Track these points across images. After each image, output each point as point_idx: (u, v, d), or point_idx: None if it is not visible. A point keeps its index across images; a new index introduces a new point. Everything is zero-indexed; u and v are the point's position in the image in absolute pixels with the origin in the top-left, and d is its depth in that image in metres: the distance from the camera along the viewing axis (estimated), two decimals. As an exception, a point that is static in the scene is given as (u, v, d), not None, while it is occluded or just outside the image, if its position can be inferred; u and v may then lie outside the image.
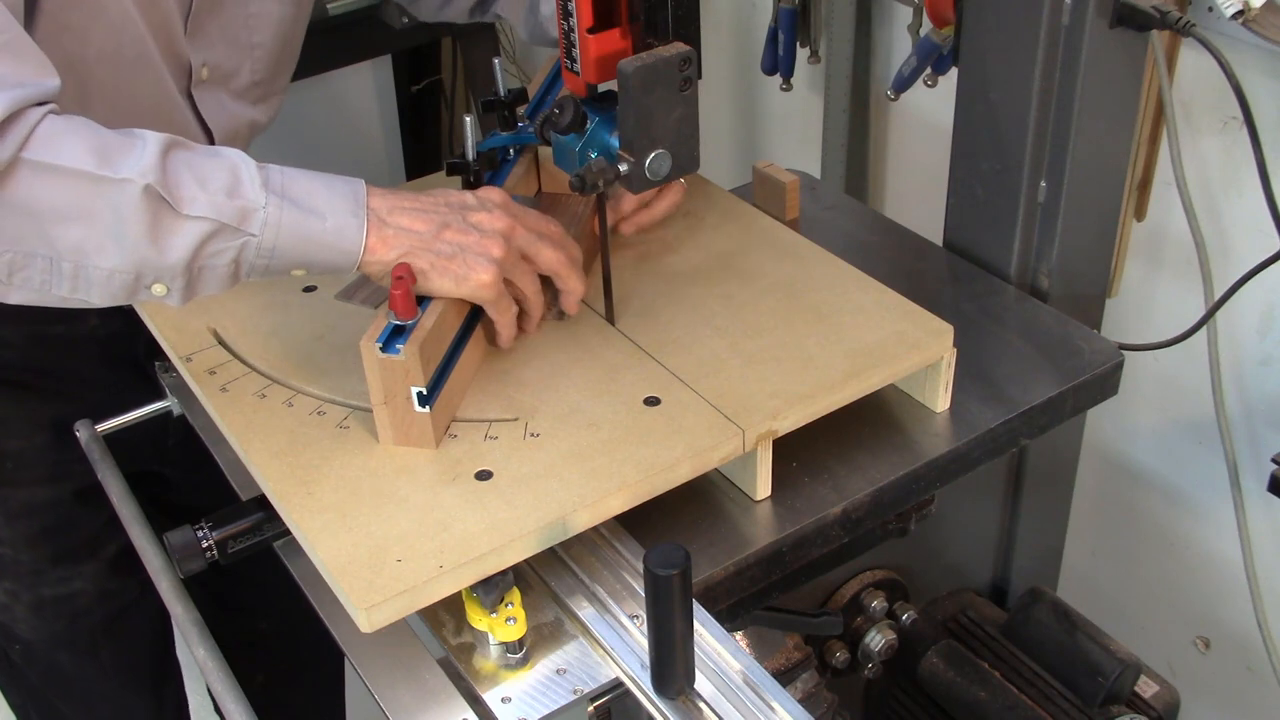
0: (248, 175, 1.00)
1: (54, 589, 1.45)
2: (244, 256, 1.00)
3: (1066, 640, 1.42)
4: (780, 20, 2.04)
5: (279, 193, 1.00)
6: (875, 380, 1.15)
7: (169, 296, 1.01)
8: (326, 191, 1.02)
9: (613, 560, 1.04)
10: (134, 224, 0.95)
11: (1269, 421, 1.65)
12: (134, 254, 0.97)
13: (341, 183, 1.04)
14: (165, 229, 0.96)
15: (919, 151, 2.05)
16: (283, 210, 0.99)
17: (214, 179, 0.98)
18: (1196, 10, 1.43)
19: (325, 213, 1.01)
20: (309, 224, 1.01)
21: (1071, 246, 1.40)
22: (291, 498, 1.02)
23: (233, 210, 0.98)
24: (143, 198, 0.95)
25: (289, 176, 1.02)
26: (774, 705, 0.91)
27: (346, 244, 1.02)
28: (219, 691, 1.03)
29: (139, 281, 0.99)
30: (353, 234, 1.02)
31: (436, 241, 1.05)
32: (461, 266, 1.05)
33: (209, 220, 0.97)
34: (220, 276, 1.01)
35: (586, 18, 1.05)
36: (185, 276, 0.99)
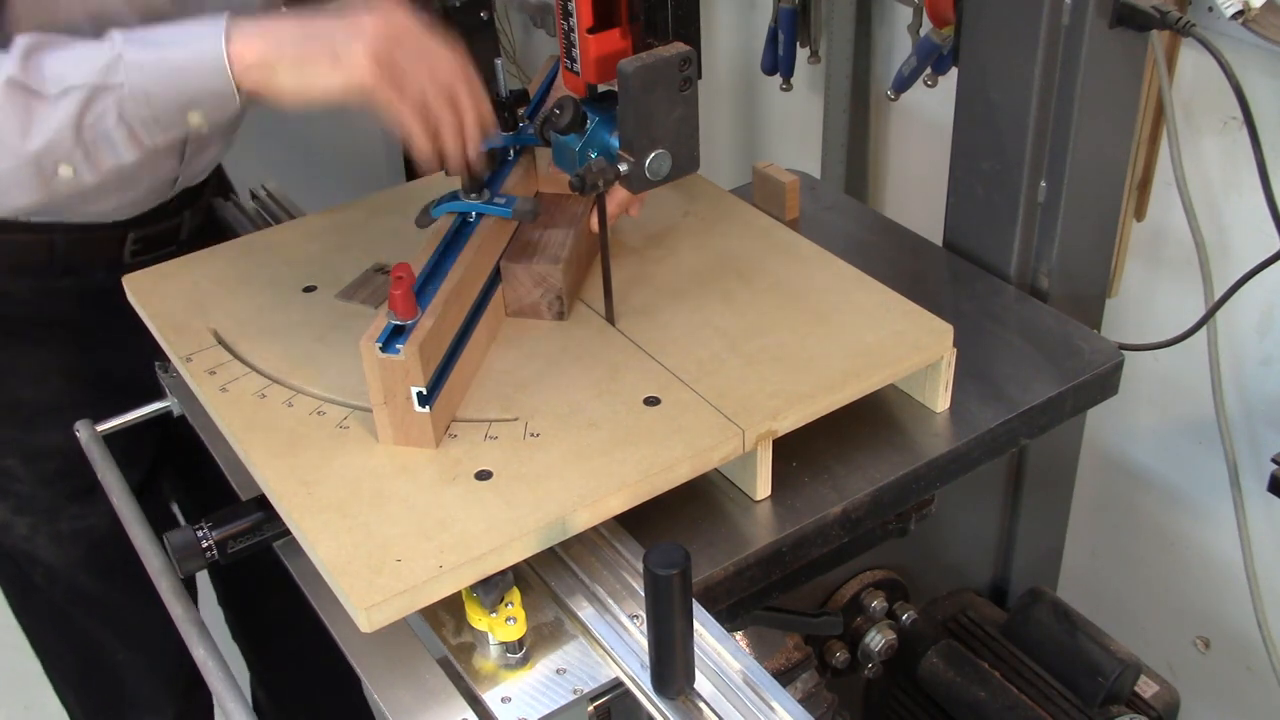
0: (108, 40, 1.03)
1: (71, 524, 1.50)
2: (126, 111, 1.02)
3: (1066, 640, 1.42)
4: (780, 20, 2.04)
5: (137, 40, 1.02)
6: (875, 380, 1.15)
7: (80, 174, 1.04)
8: (186, 27, 1.05)
9: (613, 560, 1.04)
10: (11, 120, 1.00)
11: (1269, 421, 1.65)
12: (20, 149, 1.01)
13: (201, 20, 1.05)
14: (37, 120, 1.01)
15: (919, 151, 2.05)
16: (143, 50, 1.02)
17: (74, 54, 1.02)
18: (1196, 10, 1.43)
19: (183, 40, 1.03)
20: (169, 55, 1.02)
21: (1071, 246, 1.40)
22: (291, 498, 1.02)
23: (92, 70, 1.01)
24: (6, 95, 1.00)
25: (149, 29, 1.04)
26: (774, 705, 0.91)
27: (208, 59, 1.02)
28: (219, 692, 1.03)
29: (41, 171, 1.03)
30: (211, 47, 1.02)
31: (303, 33, 1.03)
32: (332, 45, 1.02)
33: (74, 89, 1.01)
34: (118, 140, 1.04)
35: (586, 18, 1.05)
36: (81, 150, 1.03)
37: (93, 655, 1.65)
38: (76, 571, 1.55)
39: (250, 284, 1.29)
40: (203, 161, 1.45)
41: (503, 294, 1.23)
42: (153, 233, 1.44)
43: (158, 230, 1.44)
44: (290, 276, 1.30)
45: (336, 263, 1.32)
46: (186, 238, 1.48)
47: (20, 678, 2.38)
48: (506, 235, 1.24)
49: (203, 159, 1.45)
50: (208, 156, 1.46)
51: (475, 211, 1.20)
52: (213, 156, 1.47)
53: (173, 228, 1.46)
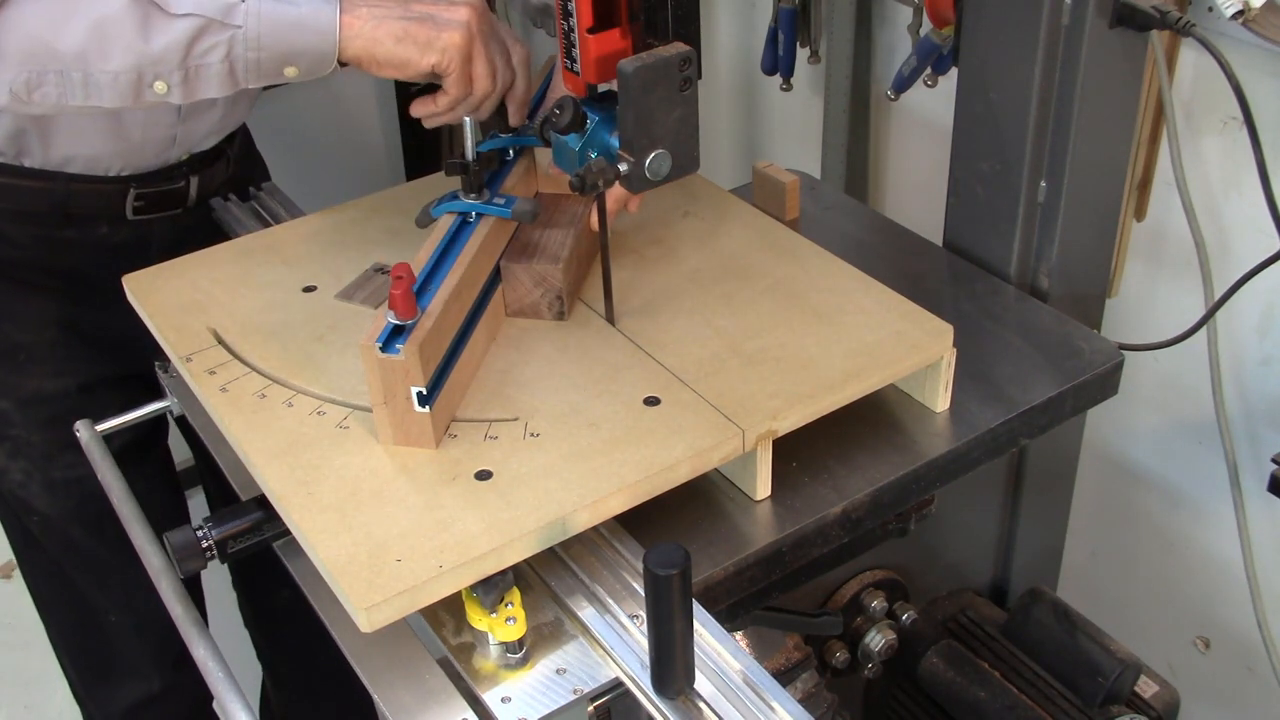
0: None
1: (63, 472, 1.54)
2: (234, 52, 1.10)
3: (1066, 640, 1.42)
4: (780, 20, 2.04)
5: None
6: (875, 380, 1.15)
7: (170, 94, 1.11)
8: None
9: (613, 560, 1.04)
10: (126, 26, 1.07)
11: (1269, 421, 1.65)
12: (130, 54, 1.08)
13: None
14: (156, 29, 1.07)
15: (919, 151, 2.05)
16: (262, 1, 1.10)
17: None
18: (1196, 10, 1.43)
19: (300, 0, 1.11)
20: (288, 10, 1.11)
21: (1071, 246, 1.40)
22: (291, 498, 1.02)
23: (216, 6, 1.08)
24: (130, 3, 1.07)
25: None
26: (774, 705, 0.91)
27: (323, 22, 1.11)
28: (219, 692, 1.03)
29: (141, 80, 1.10)
30: (327, 11, 1.12)
31: (406, 11, 1.13)
32: (432, 29, 1.13)
33: (195, 16, 1.08)
34: (216, 74, 1.11)
35: (586, 18, 1.05)
36: (182, 72, 1.10)
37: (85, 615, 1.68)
38: (69, 523, 1.58)
39: (250, 284, 1.29)
40: (203, 126, 1.47)
41: (503, 294, 1.23)
42: (157, 192, 1.47)
43: (162, 190, 1.48)
44: (290, 276, 1.30)
45: (336, 263, 1.32)
46: (195, 203, 1.52)
47: (20, 678, 2.39)
48: (506, 235, 1.24)
49: (203, 123, 1.47)
50: (208, 121, 1.47)
51: (475, 211, 1.20)
52: (214, 123, 1.49)
53: (179, 190, 1.49)
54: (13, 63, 1.10)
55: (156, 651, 1.70)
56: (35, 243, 1.44)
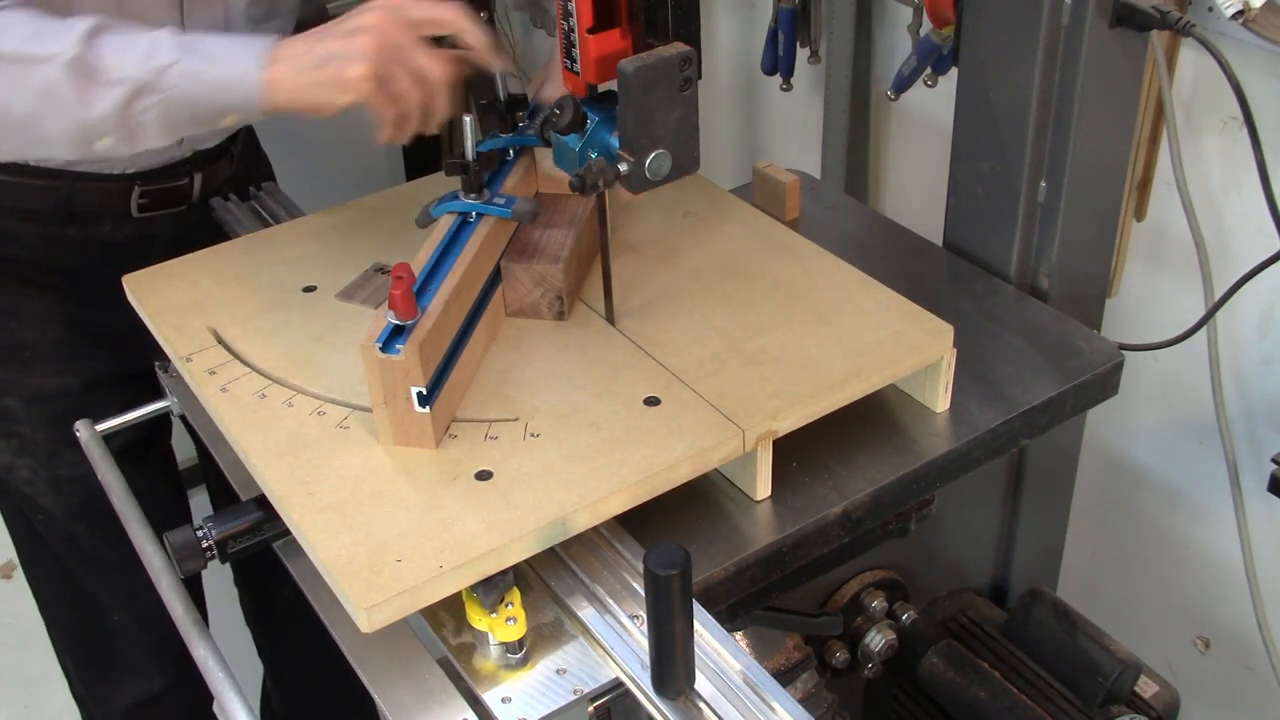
0: (166, 40, 1.14)
1: (68, 470, 1.55)
2: (169, 110, 1.14)
3: (1066, 640, 1.42)
4: (780, 20, 2.04)
5: (189, 49, 1.14)
6: (875, 380, 1.15)
7: (116, 148, 1.17)
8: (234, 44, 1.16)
9: (613, 560, 1.04)
10: (67, 94, 1.12)
11: (1269, 421, 1.65)
12: (72, 118, 1.13)
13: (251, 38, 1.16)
14: (92, 96, 1.12)
15: (919, 151, 2.05)
16: (193, 61, 1.13)
17: (134, 48, 1.13)
18: (1196, 10, 1.43)
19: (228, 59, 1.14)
20: (212, 71, 1.14)
21: (1071, 246, 1.40)
22: (291, 498, 1.02)
23: (146, 69, 1.12)
24: (67, 71, 1.11)
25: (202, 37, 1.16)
26: (774, 705, 0.91)
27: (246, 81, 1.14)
28: (219, 692, 1.03)
29: (86, 138, 1.16)
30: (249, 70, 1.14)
31: (311, 57, 1.14)
32: (336, 68, 1.12)
33: (126, 83, 1.12)
34: (155, 130, 1.15)
35: (586, 18, 1.05)
36: (122, 130, 1.15)
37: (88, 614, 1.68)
38: (73, 520, 1.59)
39: (250, 284, 1.29)
40: None
41: (503, 294, 1.23)
42: (161, 189, 1.48)
43: (166, 188, 1.49)
44: (290, 276, 1.30)
45: (336, 263, 1.32)
46: (198, 201, 1.53)
47: (20, 678, 2.39)
48: (506, 235, 1.24)
49: None
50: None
51: (475, 211, 1.20)
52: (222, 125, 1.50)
53: (183, 188, 1.50)
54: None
55: (158, 650, 1.70)
56: (40, 241, 1.45)
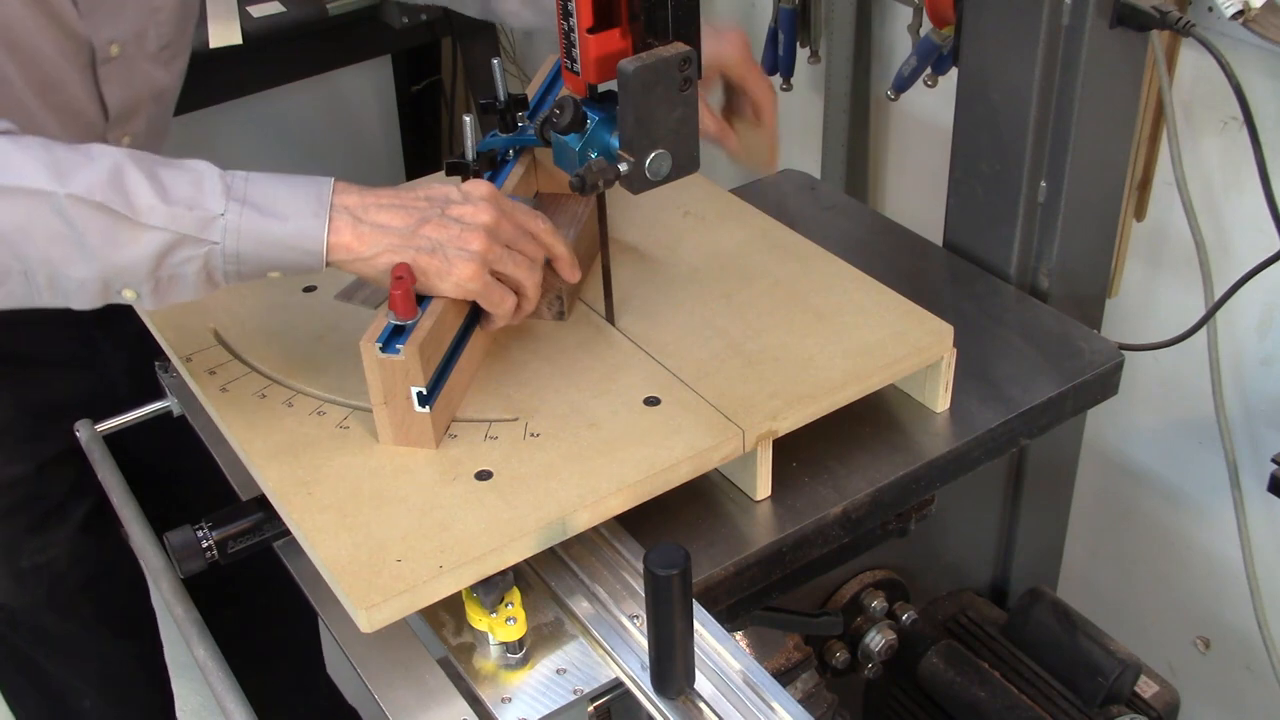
0: (210, 185, 1.00)
1: (31, 559, 1.48)
2: (211, 264, 1.01)
3: (1066, 640, 1.42)
4: (780, 20, 2.04)
5: (240, 199, 1.00)
6: (875, 380, 1.15)
7: (141, 300, 1.02)
8: (289, 193, 1.02)
9: (613, 560, 1.04)
10: (92, 236, 0.97)
11: (1269, 421, 1.65)
12: (97, 265, 0.99)
13: (307, 183, 1.03)
14: (123, 240, 0.98)
15: (919, 151, 2.05)
16: (243, 216, 1.00)
17: (175, 189, 0.99)
18: (1196, 10, 1.43)
19: (287, 214, 1.01)
20: (270, 227, 1.00)
21: (1071, 246, 1.40)
22: (291, 498, 1.02)
23: (192, 220, 0.99)
24: (96, 211, 0.97)
25: (253, 182, 1.02)
26: (774, 705, 0.91)
27: (309, 244, 1.02)
28: (219, 692, 1.03)
29: (108, 288, 1.01)
30: (314, 234, 1.02)
31: (414, 238, 1.03)
32: (442, 263, 1.04)
33: (167, 231, 0.98)
34: (191, 284, 1.02)
35: (586, 18, 1.05)
36: (152, 283, 1.01)
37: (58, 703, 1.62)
38: (39, 612, 1.52)
39: (250, 284, 1.29)
40: None
41: (503, 294, 1.23)
42: None
43: None
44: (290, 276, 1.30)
45: (336, 263, 1.32)
46: None
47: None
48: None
49: None
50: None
51: (475, 211, 1.20)
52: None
53: None
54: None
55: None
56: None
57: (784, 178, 1.65)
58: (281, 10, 2.28)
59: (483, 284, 1.06)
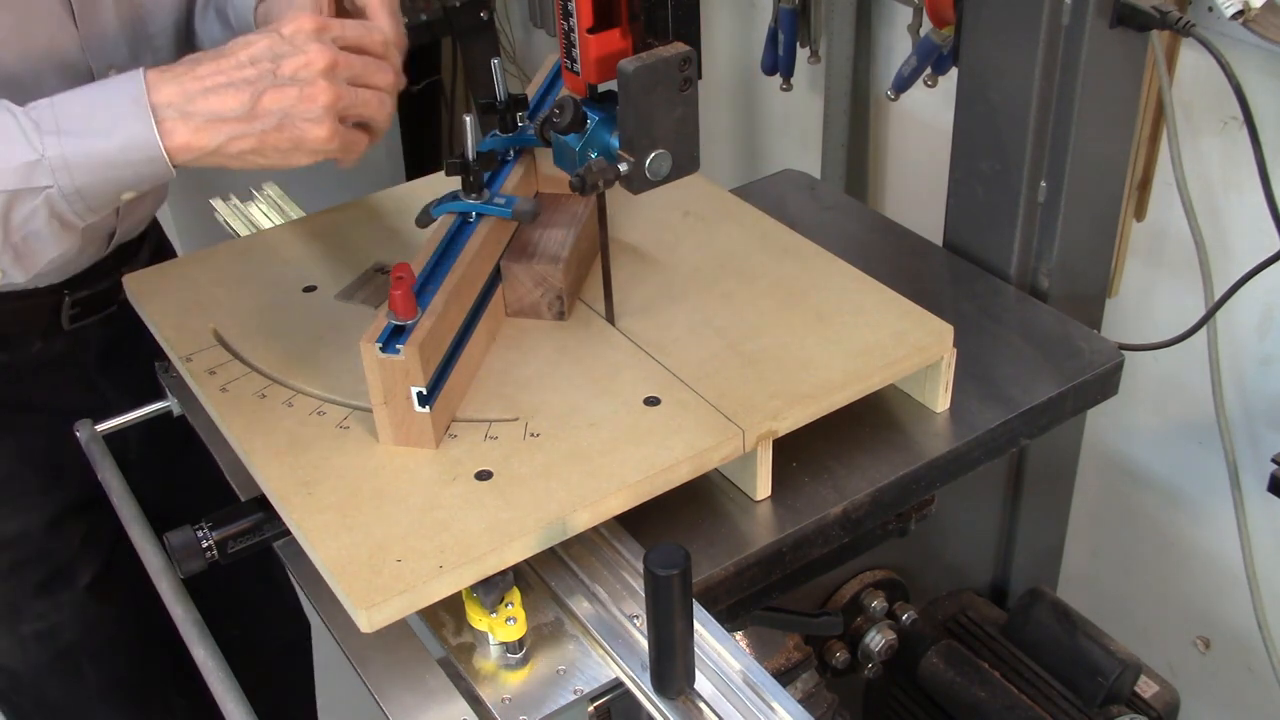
0: (17, 127, 0.91)
1: (34, 624, 1.39)
2: (57, 209, 0.92)
3: (1066, 640, 1.42)
4: (780, 20, 2.04)
5: (53, 130, 0.91)
6: (875, 380, 1.15)
7: (11, 273, 0.94)
8: (103, 103, 0.92)
9: (613, 560, 1.04)
10: None
11: (1269, 421, 1.65)
12: None
13: (116, 85, 0.93)
14: None
15: (919, 151, 2.05)
16: (63, 146, 0.90)
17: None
18: (1196, 10, 1.43)
19: (109, 129, 0.91)
20: (96, 148, 0.91)
21: (1071, 246, 1.40)
22: (291, 498, 1.02)
23: (12, 173, 0.90)
24: None
25: (59, 105, 0.92)
26: (774, 705, 0.91)
27: (145, 153, 0.92)
28: (219, 693, 1.03)
29: None
30: (146, 140, 0.91)
31: (255, 118, 0.94)
32: (291, 134, 0.95)
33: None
34: (48, 237, 0.94)
35: (586, 18, 1.05)
36: (10, 251, 0.93)
37: None
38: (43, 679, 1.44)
39: (250, 284, 1.29)
40: (141, 211, 1.38)
41: (503, 294, 1.23)
42: (90, 295, 1.34)
43: (96, 291, 1.35)
44: (290, 276, 1.30)
45: (336, 263, 1.32)
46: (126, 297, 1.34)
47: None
48: (506, 235, 1.24)
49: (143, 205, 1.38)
50: (145, 206, 1.39)
51: (475, 211, 1.20)
52: (150, 205, 1.40)
53: (112, 287, 1.36)
54: None
55: None
56: None
57: (784, 178, 1.65)
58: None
59: (338, 141, 0.97)
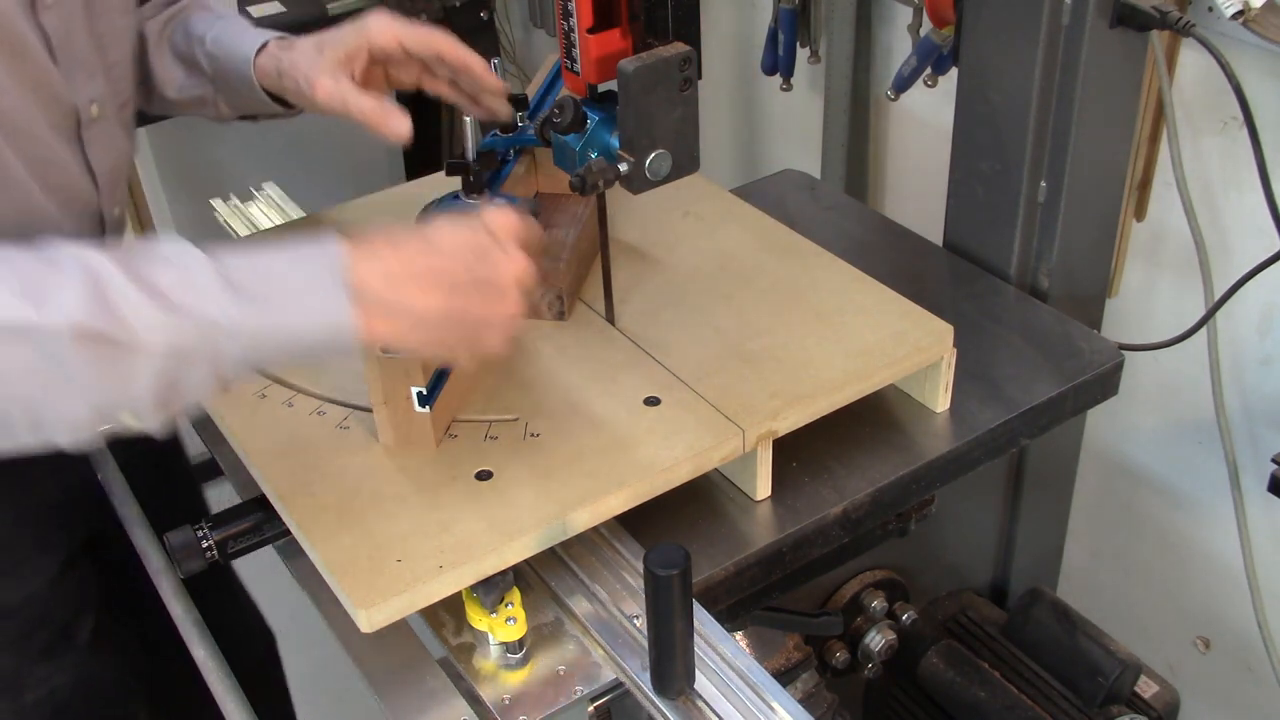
0: (202, 278, 0.84)
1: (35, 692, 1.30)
2: (222, 371, 0.86)
3: (1066, 640, 1.42)
4: (780, 20, 2.04)
5: (242, 290, 0.84)
6: (875, 380, 1.15)
7: (144, 424, 0.87)
8: (295, 272, 0.86)
9: (613, 560, 1.04)
10: (81, 368, 0.82)
11: (1269, 421, 1.65)
12: (91, 397, 0.84)
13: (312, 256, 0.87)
14: (119, 367, 0.83)
15: (919, 151, 2.05)
16: (250, 313, 0.84)
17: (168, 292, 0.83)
18: (1196, 10, 1.43)
19: (300, 304, 0.86)
20: (284, 321, 0.85)
21: (1071, 246, 1.40)
22: (291, 498, 1.02)
23: (194, 330, 0.83)
24: (79, 340, 0.81)
25: (248, 267, 0.86)
26: (774, 705, 0.91)
27: (339, 337, 0.87)
28: (219, 693, 1.03)
29: (103, 419, 0.86)
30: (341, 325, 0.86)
31: (447, 324, 0.90)
32: (472, 340, 0.92)
33: (168, 348, 0.83)
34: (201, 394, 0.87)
35: (586, 18, 1.05)
36: (156, 406, 0.86)
37: None
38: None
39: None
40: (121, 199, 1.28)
41: (503, 294, 1.22)
42: None
43: None
44: (290, 276, 1.30)
45: (336, 263, 1.32)
46: None
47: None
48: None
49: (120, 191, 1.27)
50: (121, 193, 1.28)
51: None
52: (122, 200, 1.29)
53: None
54: None
55: None
56: None
57: (784, 178, 1.65)
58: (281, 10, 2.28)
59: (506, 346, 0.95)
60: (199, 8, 1.28)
